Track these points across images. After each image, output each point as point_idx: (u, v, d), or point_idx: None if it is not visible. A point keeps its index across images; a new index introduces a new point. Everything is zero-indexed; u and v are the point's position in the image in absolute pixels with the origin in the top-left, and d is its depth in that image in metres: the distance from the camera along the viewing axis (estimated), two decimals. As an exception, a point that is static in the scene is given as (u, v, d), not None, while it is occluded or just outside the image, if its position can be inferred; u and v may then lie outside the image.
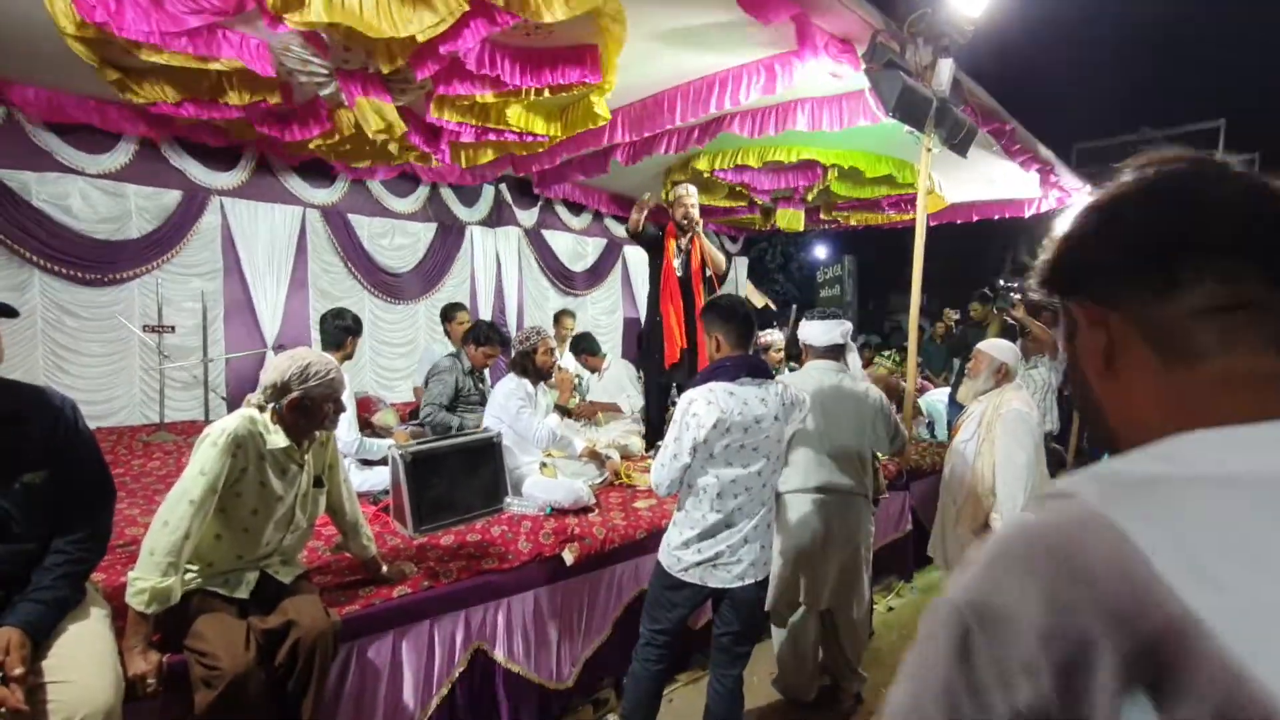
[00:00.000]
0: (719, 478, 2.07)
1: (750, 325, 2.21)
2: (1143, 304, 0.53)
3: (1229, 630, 0.38)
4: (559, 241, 7.26)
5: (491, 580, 2.41)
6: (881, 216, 6.83)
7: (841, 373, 2.76)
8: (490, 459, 2.83)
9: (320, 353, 2.00)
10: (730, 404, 2.03)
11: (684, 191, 4.05)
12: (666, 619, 2.22)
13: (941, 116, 3.70)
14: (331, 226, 5.72)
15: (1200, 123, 7.83)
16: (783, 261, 14.06)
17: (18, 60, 3.74)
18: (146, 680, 1.67)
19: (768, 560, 2.21)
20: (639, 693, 2.30)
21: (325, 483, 2.12)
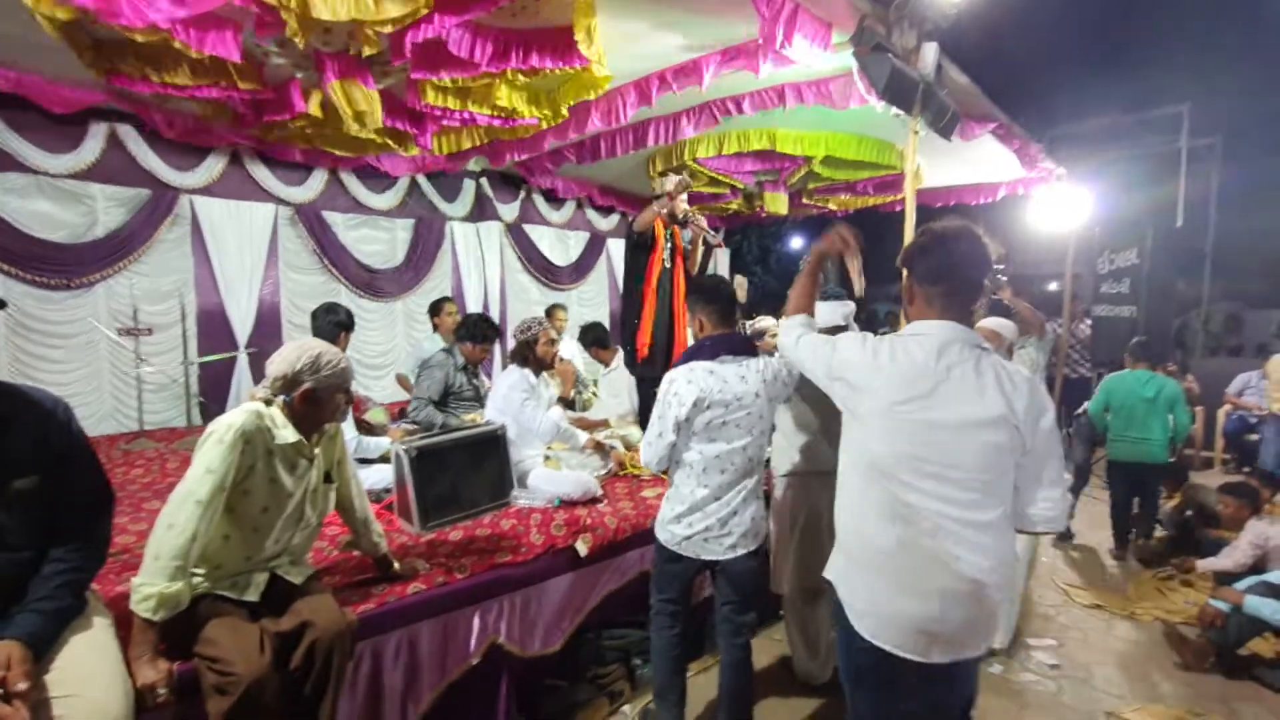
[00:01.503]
0: (703, 454, 2.15)
1: (732, 305, 2.29)
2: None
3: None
4: (541, 235, 7.17)
5: (506, 574, 2.35)
6: (862, 200, 6.87)
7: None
8: (495, 452, 2.77)
9: (327, 343, 1.92)
10: (710, 382, 2.10)
11: (681, 187, 4.07)
12: (670, 588, 2.31)
13: (927, 99, 3.72)
14: (306, 223, 5.56)
15: (1165, 108, 8.03)
16: (760, 254, 14.14)
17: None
18: (157, 690, 1.59)
19: (758, 531, 2.26)
20: (662, 663, 2.36)
21: (335, 478, 2.05)
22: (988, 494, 1.50)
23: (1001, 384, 1.50)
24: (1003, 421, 1.48)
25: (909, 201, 3.93)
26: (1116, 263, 5.49)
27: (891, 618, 1.54)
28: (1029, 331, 4.72)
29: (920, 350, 1.54)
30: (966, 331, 1.56)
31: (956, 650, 1.52)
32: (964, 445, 1.49)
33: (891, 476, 1.54)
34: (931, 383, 1.51)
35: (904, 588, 1.53)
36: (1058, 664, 3.22)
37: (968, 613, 1.50)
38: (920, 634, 1.51)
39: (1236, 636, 3.19)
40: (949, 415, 1.49)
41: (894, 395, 1.54)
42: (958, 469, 1.49)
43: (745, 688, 2.35)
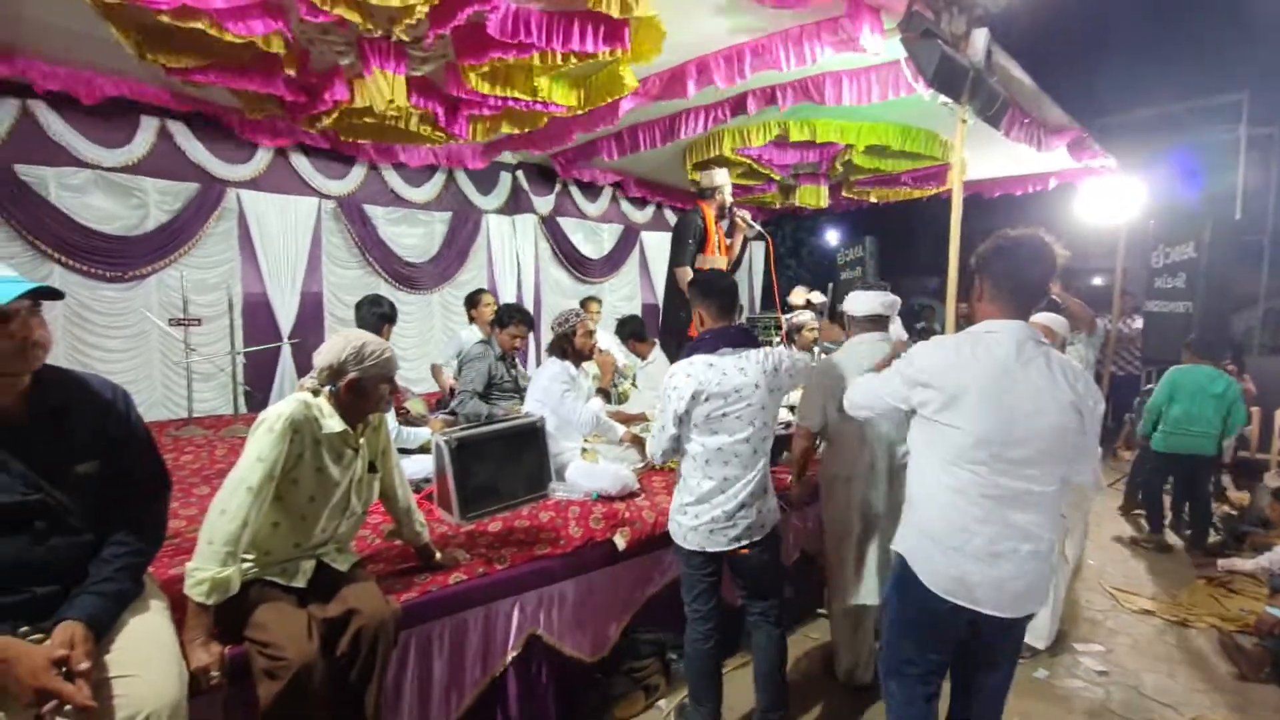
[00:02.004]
0: (705, 445, 2.19)
1: (732, 299, 2.31)
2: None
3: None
4: (576, 228, 7.18)
5: (545, 565, 2.36)
6: (903, 192, 6.73)
7: (884, 341, 2.69)
8: (534, 444, 2.78)
9: (371, 334, 1.94)
10: (708, 375, 2.14)
11: (724, 180, 4.11)
12: (694, 589, 2.33)
13: (976, 87, 3.61)
14: (348, 216, 5.65)
15: (1223, 95, 7.68)
16: (793, 246, 13.94)
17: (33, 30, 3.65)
18: (210, 673, 1.63)
19: (765, 523, 2.29)
20: (694, 671, 2.40)
21: (379, 468, 2.07)
22: (1054, 468, 1.75)
23: (1067, 375, 1.74)
24: (1072, 408, 1.71)
25: (955, 193, 3.82)
26: (1172, 257, 5.28)
27: (965, 579, 1.76)
28: (1079, 327, 4.56)
29: (1000, 347, 1.74)
30: (1033, 330, 1.77)
31: (1018, 606, 1.78)
32: (1042, 428, 1.70)
33: (981, 460, 1.73)
34: (1014, 375, 1.71)
35: (986, 556, 1.75)
36: (1105, 670, 3.12)
37: (1037, 569, 1.77)
38: (991, 590, 1.75)
39: (1299, 648, 3.05)
40: (1031, 403, 1.70)
41: (985, 386, 1.72)
42: (1035, 449, 1.71)
43: (775, 670, 2.41)
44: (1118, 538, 4.89)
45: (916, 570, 1.84)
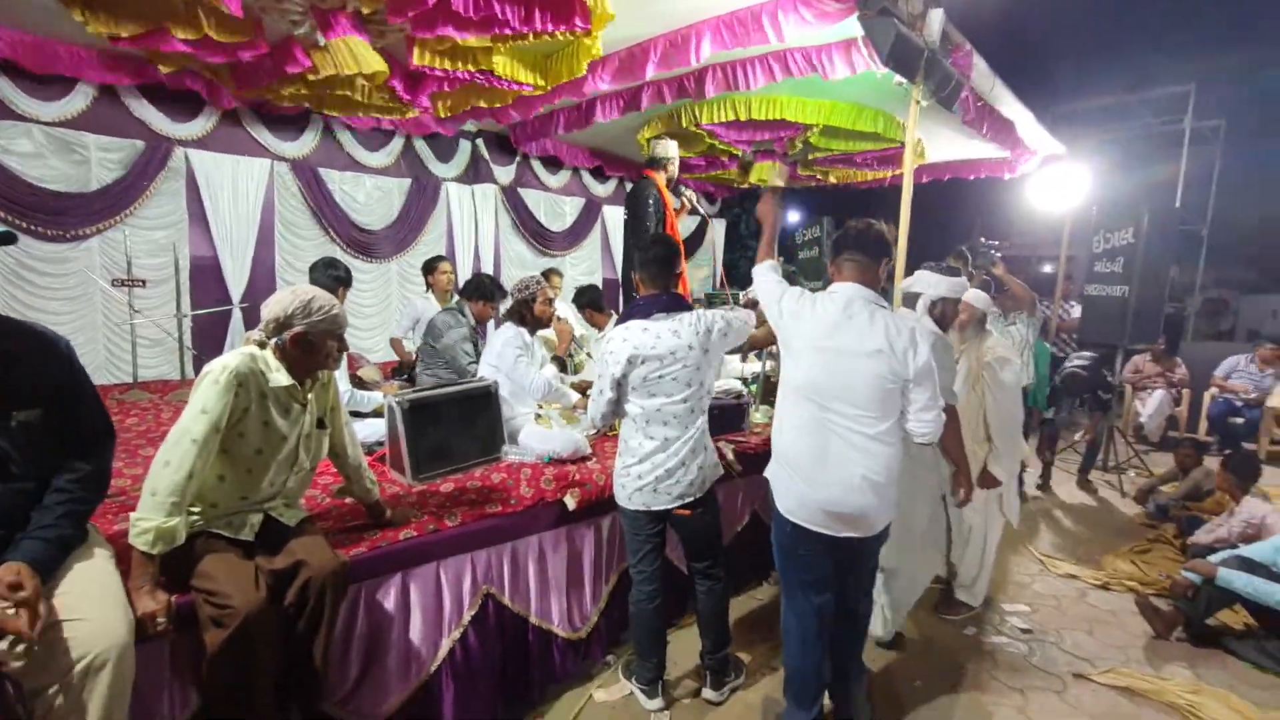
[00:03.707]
0: (644, 408, 2.29)
1: (667, 266, 2.39)
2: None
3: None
4: (536, 199, 7.13)
5: (496, 524, 2.41)
6: (861, 173, 6.84)
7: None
8: (487, 408, 2.81)
9: (323, 290, 1.94)
10: (643, 339, 2.23)
11: (674, 153, 4.16)
12: (639, 551, 2.43)
13: (931, 68, 3.69)
14: (301, 180, 5.52)
15: (1171, 87, 7.97)
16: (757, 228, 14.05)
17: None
18: (157, 619, 1.64)
19: (705, 480, 2.40)
20: (640, 628, 2.51)
21: (328, 424, 2.08)
22: (875, 411, 2.04)
23: (887, 329, 2.04)
24: (880, 354, 2.02)
25: (907, 174, 3.92)
26: (1112, 242, 5.50)
27: (810, 505, 2.09)
28: (1020, 308, 4.77)
29: (833, 304, 2.11)
30: (868, 291, 2.13)
31: (854, 528, 2.09)
32: (857, 371, 2.03)
33: (812, 399, 2.08)
34: (840, 328, 2.06)
35: (817, 482, 2.07)
36: (1030, 629, 3.32)
37: (863, 500, 2.05)
38: (828, 515, 2.08)
39: (1206, 607, 3.29)
40: (849, 352, 2.04)
41: (815, 335, 2.10)
42: (854, 391, 2.04)
43: (717, 614, 2.56)
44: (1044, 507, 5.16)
45: (775, 495, 2.20)
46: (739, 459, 3.20)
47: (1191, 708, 2.72)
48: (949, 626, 3.28)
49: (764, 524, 3.48)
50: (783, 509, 2.15)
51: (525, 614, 2.49)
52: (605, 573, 2.78)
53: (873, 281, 2.17)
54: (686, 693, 2.67)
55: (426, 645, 2.22)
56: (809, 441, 2.08)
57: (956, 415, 2.66)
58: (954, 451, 2.66)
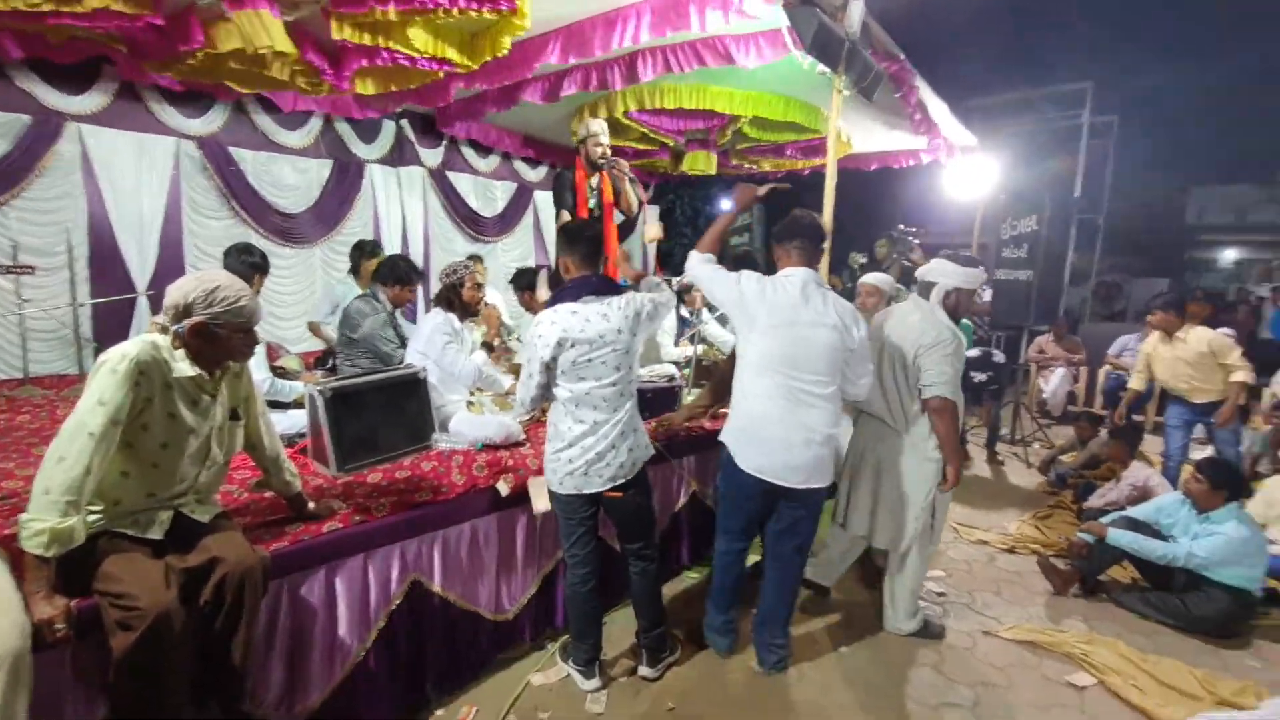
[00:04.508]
0: (573, 391, 2.30)
1: (596, 248, 2.42)
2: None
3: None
4: (466, 184, 6.96)
5: (426, 513, 2.37)
6: (790, 163, 7.00)
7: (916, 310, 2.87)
8: (415, 395, 2.74)
9: (234, 278, 1.84)
10: (572, 322, 2.24)
11: (597, 129, 4.09)
12: (572, 534, 2.45)
13: (852, 58, 3.81)
14: (211, 160, 5.19)
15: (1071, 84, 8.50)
16: (692, 215, 14.18)
17: None
18: (55, 625, 1.54)
19: (635, 461, 2.44)
20: (576, 612, 2.54)
21: (242, 416, 2.00)
22: (828, 375, 2.44)
23: (835, 307, 2.45)
24: (834, 328, 2.41)
25: (830, 163, 4.05)
26: (1018, 229, 5.86)
27: (769, 459, 2.45)
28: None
29: (791, 285, 2.45)
30: (815, 274, 2.51)
31: (806, 479, 2.46)
32: (817, 343, 2.40)
33: (777, 369, 2.41)
34: (799, 306, 2.41)
35: (785, 441, 2.42)
36: (944, 592, 3.54)
37: (818, 451, 2.45)
38: (783, 467, 2.44)
39: (1098, 565, 3.59)
40: (809, 326, 2.40)
41: (779, 314, 2.41)
42: (812, 360, 2.40)
43: (651, 594, 2.62)
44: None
45: (734, 454, 2.51)
46: (670, 442, 3.25)
47: (1084, 656, 2.97)
48: (873, 594, 3.46)
49: (701, 504, 3.56)
50: (746, 467, 2.48)
51: (454, 599, 2.47)
52: (540, 557, 2.78)
53: (815, 264, 2.53)
54: (624, 671, 2.72)
55: (353, 636, 2.17)
56: (776, 406, 2.41)
57: (955, 408, 2.76)
58: (947, 441, 2.77)
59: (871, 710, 2.59)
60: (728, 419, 2.59)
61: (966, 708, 2.64)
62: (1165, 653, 3.04)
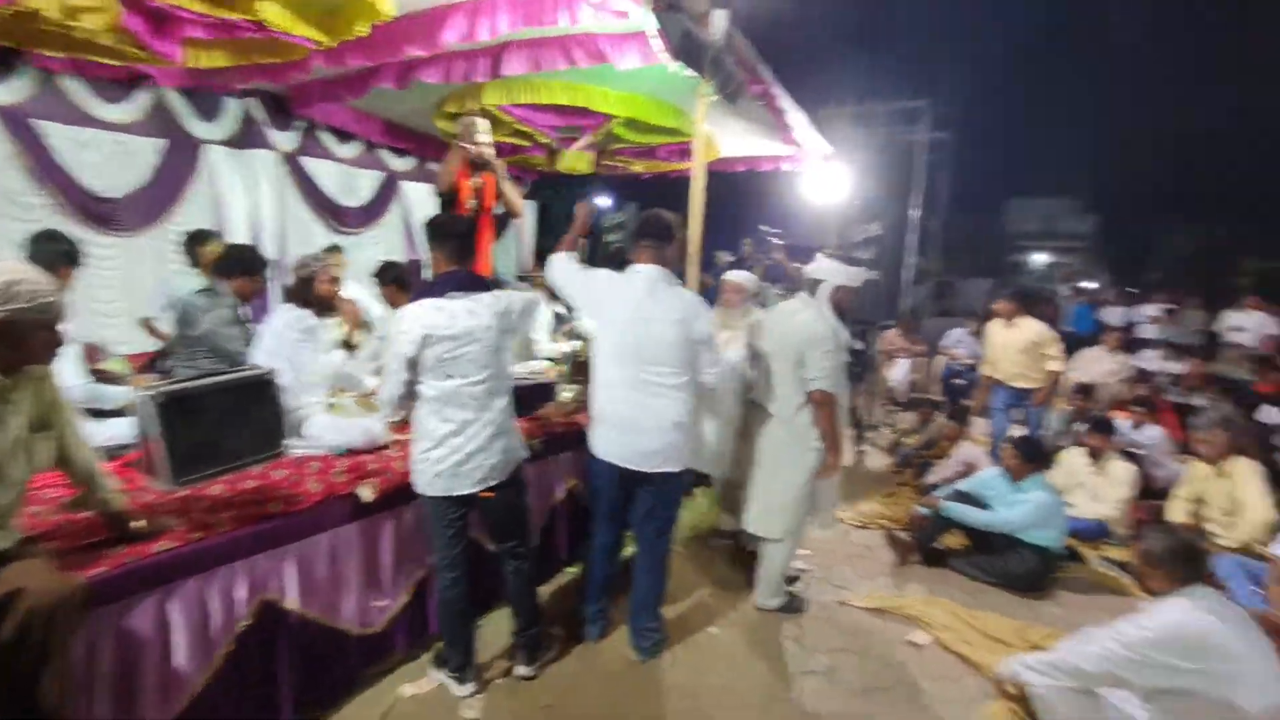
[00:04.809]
0: (440, 389, 2.22)
1: (466, 242, 2.37)
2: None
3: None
4: (326, 171, 6.50)
5: (277, 526, 2.20)
6: (661, 164, 7.16)
7: (804, 308, 3.10)
8: (263, 399, 2.54)
9: (33, 270, 1.61)
10: (437, 318, 2.17)
11: (477, 126, 4.01)
12: (442, 537, 2.38)
13: (717, 65, 3.98)
14: (12, 133, 4.48)
15: (911, 101, 9.39)
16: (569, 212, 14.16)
17: None
18: None
19: (508, 464, 2.41)
20: (447, 617, 2.47)
21: (50, 424, 1.75)
22: (679, 367, 2.54)
23: (682, 300, 2.57)
24: (679, 322, 2.51)
25: (697, 167, 4.20)
26: (867, 233, 6.41)
27: (621, 445, 2.57)
28: (796, 289, 5.35)
29: (639, 282, 2.56)
30: (664, 271, 2.59)
31: (658, 464, 2.58)
32: (664, 336, 2.50)
33: (628, 362, 2.52)
34: (646, 300, 2.52)
35: (638, 428, 2.54)
36: (807, 568, 3.80)
37: (673, 437, 2.57)
38: (635, 453, 2.56)
39: (933, 534, 4.00)
40: (657, 319, 2.50)
41: (626, 309, 2.52)
42: (663, 352, 2.51)
43: (525, 593, 2.62)
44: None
45: (595, 446, 2.64)
46: (547, 439, 3.24)
47: (922, 616, 3.31)
48: (740, 574, 3.64)
49: (580, 501, 3.56)
50: (600, 454, 2.62)
51: (313, 616, 2.32)
52: (409, 564, 2.67)
53: (666, 261, 2.61)
54: (500, 673, 2.68)
55: (192, 666, 1.97)
56: (626, 396, 2.53)
57: (834, 399, 2.95)
58: (827, 430, 2.98)
59: (739, 688, 2.74)
60: (592, 415, 2.70)
61: (824, 674, 2.86)
62: (989, 608, 3.46)
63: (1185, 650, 2.09)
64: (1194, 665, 2.08)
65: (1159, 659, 2.12)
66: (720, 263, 7.08)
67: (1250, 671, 2.05)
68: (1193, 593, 2.20)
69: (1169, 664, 2.11)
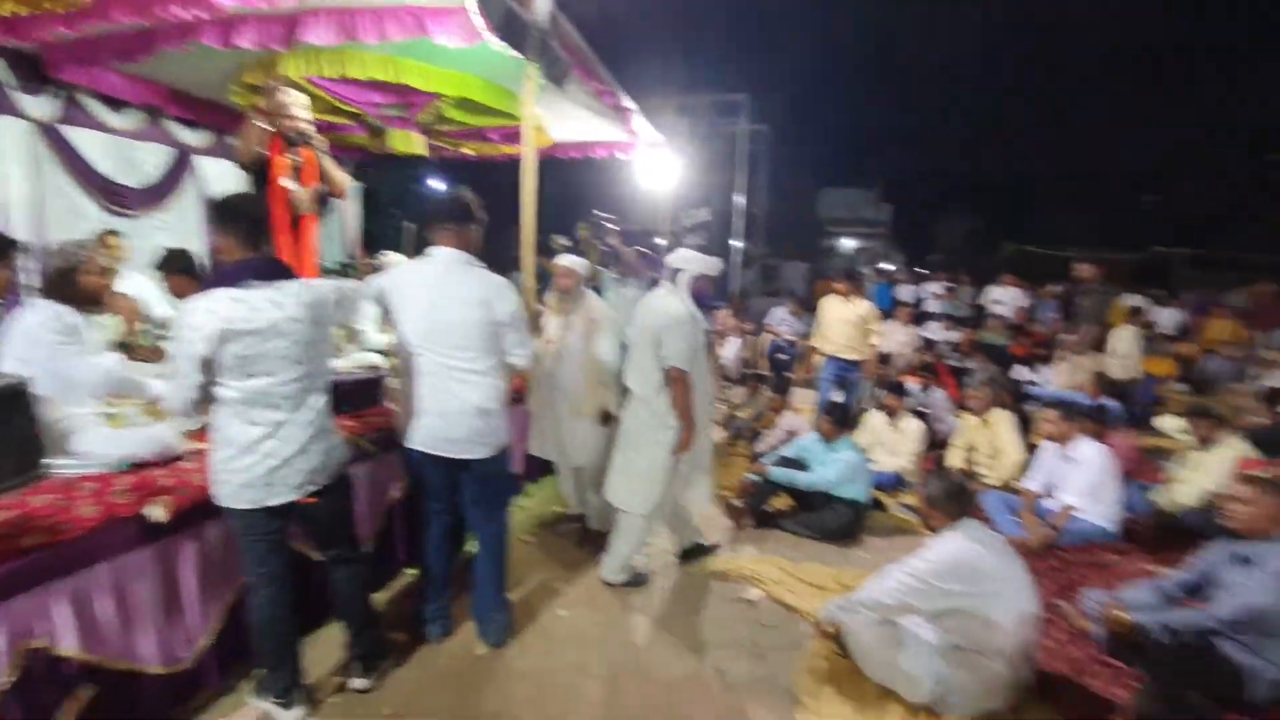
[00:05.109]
0: (243, 390, 2.00)
1: (259, 226, 2.13)
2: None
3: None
4: (99, 145, 5.54)
5: (40, 561, 1.87)
6: (493, 147, 6.98)
7: (666, 295, 3.26)
8: (16, 412, 2.13)
9: None
10: (234, 311, 1.94)
11: (290, 100, 3.66)
12: (255, 552, 2.16)
13: (542, 48, 3.94)
14: None
15: (731, 94, 9.96)
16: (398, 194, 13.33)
17: None
18: None
19: (329, 465, 2.23)
20: (269, 639, 2.26)
21: None
22: (481, 351, 2.51)
23: (482, 283, 2.51)
24: (479, 304, 2.46)
25: (528, 152, 4.15)
26: (696, 219, 6.74)
27: (436, 435, 2.52)
28: (630, 273, 5.51)
29: (435, 265, 2.51)
30: (462, 254, 2.53)
31: (471, 450, 2.55)
32: (463, 320, 2.46)
33: (426, 348, 2.47)
34: (441, 284, 2.46)
35: (434, 414, 2.50)
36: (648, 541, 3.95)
37: (479, 424, 2.53)
38: (441, 439, 2.53)
39: (763, 498, 4.34)
40: (453, 304, 2.45)
41: (424, 294, 2.47)
42: (458, 336, 2.46)
43: (357, 599, 2.48)
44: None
45: (404, 434, 2.58)
46: (380, 435, 3.06)
47: (755, 574, 3.59)
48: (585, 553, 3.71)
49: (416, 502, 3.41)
50: (417, 444, 2.55)
51: (101, 660, 2.01)
52: (218, 586, 2.40)
53: (467, 245, 2.55)
54: (334, 689, 2.51)
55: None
56: (433, 383, 2.48)
57: (686, 380, 3.10)
58: (682, 409, 3.11)
59: (588, 664, 2.79)
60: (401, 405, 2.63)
61: (669, 639, 3.01)
62: (811, 559, 3.83)
63: (959, 575, 2.47)
64: (965, 588, 2.46)
65: (940, 585, 2.49)
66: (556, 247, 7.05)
67: (1006, 588, 2.47)
68: (964, 526, 2.60)
69: (947, 589, 2.47)
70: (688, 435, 3.18)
